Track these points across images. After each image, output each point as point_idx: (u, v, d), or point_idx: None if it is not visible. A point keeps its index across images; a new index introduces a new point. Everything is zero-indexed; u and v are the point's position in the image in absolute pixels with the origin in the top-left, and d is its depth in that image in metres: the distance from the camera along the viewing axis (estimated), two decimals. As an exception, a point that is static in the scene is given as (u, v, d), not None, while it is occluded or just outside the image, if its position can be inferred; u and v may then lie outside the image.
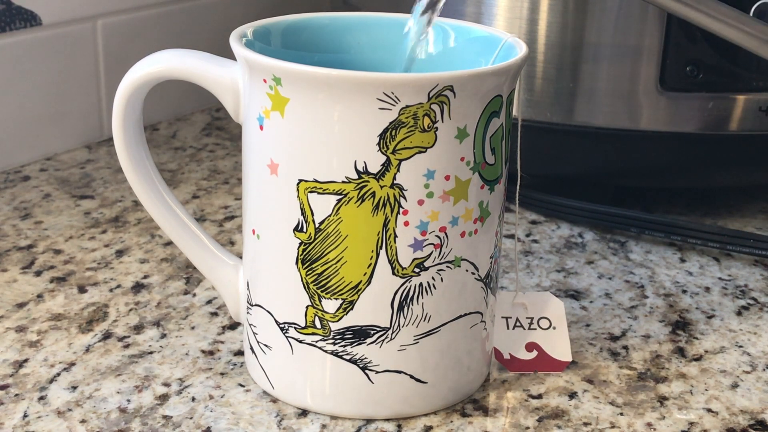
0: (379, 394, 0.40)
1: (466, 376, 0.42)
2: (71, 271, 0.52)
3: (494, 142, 0.39)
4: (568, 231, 0.59)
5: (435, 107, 0.37)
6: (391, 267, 0.38)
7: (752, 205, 0.63)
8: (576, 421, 0.41)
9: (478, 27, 0.44)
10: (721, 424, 0.41)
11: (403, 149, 0.37)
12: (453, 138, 0.37)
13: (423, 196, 0.38)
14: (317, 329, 0.40)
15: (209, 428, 0.40)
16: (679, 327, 0.49)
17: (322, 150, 0.37)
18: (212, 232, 0.57)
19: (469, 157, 0.38)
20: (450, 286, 0.39)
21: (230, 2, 0.79)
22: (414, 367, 0.40)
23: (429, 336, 0.40)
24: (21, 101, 0.64)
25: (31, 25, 0.64)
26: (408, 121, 0.37)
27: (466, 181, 0.38)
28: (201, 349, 0.45)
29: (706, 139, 0.57)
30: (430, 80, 0.36)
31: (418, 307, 0.39)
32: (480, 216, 0.39)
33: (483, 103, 0.38)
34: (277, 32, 0.43)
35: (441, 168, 0.38)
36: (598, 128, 0.57)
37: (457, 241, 0.39)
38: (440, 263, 0.39)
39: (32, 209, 0.59)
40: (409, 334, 0.39)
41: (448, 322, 0.40)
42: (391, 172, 0.37)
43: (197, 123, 0.75)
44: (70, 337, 0.46)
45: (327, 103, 0.37)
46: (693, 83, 0.55)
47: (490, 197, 0.40)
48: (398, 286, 0.39)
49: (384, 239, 0.38)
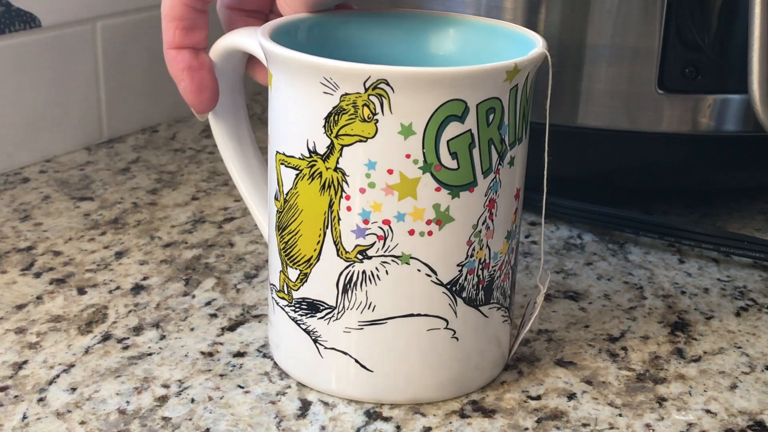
0: (327, 369, 0.42)
1: (427, 379, 0.42)
2: (71, 272, 0.52)
3: (455, 147, 0.38)
4: (567, 232, 0.59)
5: (374, 99, 0.37)
6: (335, 248, 0.40)
7: (751, 207, 0.63)
8: (575, 422, 0.41)
9: (520, 30, 0.44)
10: (720, 425, 0.41)
11: (345, 135, 0.38)
12: (396, 133, 0.38)
13: (365, 185, 0.39)
14: (285, 295, 0.42)
15: (208, 429, 0.40)
16: (677, 328, 0.49)
17: (287, 125, 0.40)
18: (211, 234, 0.57)
19: (416, 155, 0.38)
20: (397, 282, 0.40)
21: (229, 4, 0.79)
22: (359, 352, 0.41)
23: (374, 326, 0.41)
24: (20, 103, 0.64)
25: (31, 27, 0.64)
26: (348, 109, 0.38)
27: (414, 179, 0.38)
28: (200, 351, 0.45)
29: (704, 140, 0.57)
30: (363, 71, 0.37)
31: (362, 293, 0.40)
32: (436, 219, 0.39)
33: (433, 104, 0.37)
34: (311, 26, 0.44)
35: (383, 160, 0.38)
36: (597, 129, 0.57)
37: (404, 237, 0.39)
38: (385, 255, 0.39)
39: (32, 211, 0.59)
40: (353, 318, 0.41)
41: (396, 317, 0.40)
42: (335, 156, 0.39)
43: (197, 125, 0.75)
44: (70, 338, 0.46)
45: (289, 81, 0.39)
46: (691, 84, 0.55)
47: (453, 203, 0.39)
48: (342, 268, 0.40)
49: (329, 220, 0.40)
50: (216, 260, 0.54)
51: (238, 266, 0.53)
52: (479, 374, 0.43)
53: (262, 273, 0.53)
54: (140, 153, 0.69)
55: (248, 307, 0.49)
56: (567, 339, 0.47)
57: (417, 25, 0.46)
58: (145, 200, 0.61)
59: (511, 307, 0.44)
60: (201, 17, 0.44)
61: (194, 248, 0.55)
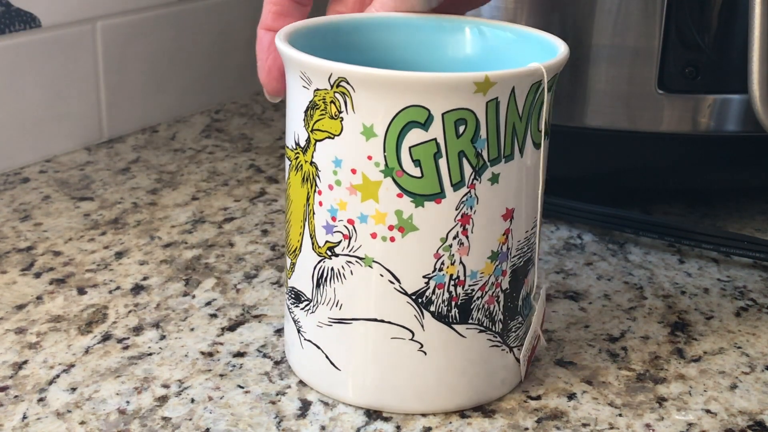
0: (306, 360, 0.43)
1: (391, 387, 0.41)
2: (71, 272, 0.52)
3: (418, 154, 0.37)
4: (567, 232, 0.59)
5: (339, 96, 0.38)
6: (311, 241, 0.41)
7: (751, 207, 0.63)
8: (575, 422, 0.41)
9: (542, 34, 0.43)
10: (720, 425, 0.42)
11: (318, 131, 0.39)
12: (359, 133, 0.38)
13: (332, 182, 0.39)
14: (285, 282, 0.44)
15: (208, 429, 0.40)
16: (678, 328, 0.49)
17: (287, 118, 0.41)
18: (211, 234, 0.57)
19: (377, 158, 0.38)
20: (360, 284, 0.40)
21: (229, 4, 0.79)
22: (329, 348, 0.42)
23: (341, 324, 0.41)
24: (20, 103, 0.64)
25: (31, 26, 0.64)
26: (320, 104, 0.38)
27: (376, 182, 0.38)
28: (200, 351, 0.45)
29: (704, 141, 0.57)
30: (325, 68, 0.37)
31: (331, 290, 0.41)
32: (399, 225, 0.38)
33: (394, 108, 0.37)
34: (329, 30, 0.44)
35: (347, 159, 0.38)
36: (597, 129, 0.57)
37: (367, 240, 0.39)
38: (350, 255, 0.40)
39: (32, 211, 0.59)
40: (324, 313, 0.41)
41: (360, 319, 0.40)
42: (311, 150, 0.40)
43: (197, 124, 0.75)
44: (70, 338, 0.46)
45: (287, 74, 0.41)
46: (691, 84, 0.55)
47: (417, 211, 0.38)
48: (316, 262, 0.41)
49: (307, 212, 0.40)
50: (216, 260, 0.54)
51: (238, 266, 0.53)
52: (457, 396, 0.42)
53: (261, 273, 0.53)
54: (140, 153, 0.69)
55: (248, 307, 0.49)
56: (567, 339, 0.47)
57: (446, 29, 0.45)
58: (145, 200, 0.61)
59: (506, 333, 0.42)
60: (297, 8, 0.44)
61: (194, 248, 0.55)
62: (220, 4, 0.78)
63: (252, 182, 0.65)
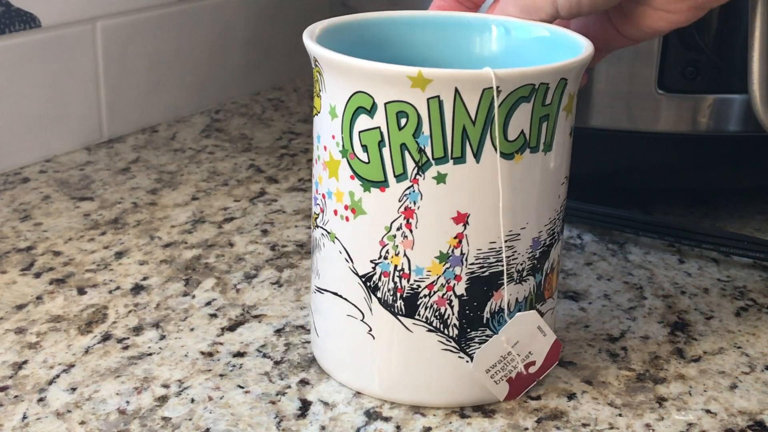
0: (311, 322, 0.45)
1: (346, 363, 0.43)
2: (70, 272, 0.52)
3: (366, 140, 0.39)
4: (567, 232, 0.59)
5: (318, 76, 0.40)
6: (312, 210, 0.44)
7: (751, 207, 0.63)
8: (575, 422, 0.41)
9: (568, 32, 0.43)
10: (720, 425, 0.42)
11: (314, 107, 0.42)
12: (328, 113, 0.40)
13: (316, 156, 0.42)
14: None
15: (208, 429, 0.40)
16: (677, 328, 0.49)
17: None
18: (211, 234, 0.57)
19: (338, 138, 0.40)
20: (328, 257, 0.42)
21: (229, 4, 0.79)
22: (314, 314, 0.44)
23: (318, 293, 0.43)
24: (20, 103, 0.64)
25: (31, 27, 0.64)
26: (315, 83, 0.41)
27: (337, 161, 0.40)
28: (200, 351, 0.45)
29: (704, 140, 0.57)
30: (309, 48, 0.40)
31: (314, 258, 0.43)
32: (351, 207, 0.40)
33: (347, 92, 0.39)
34: (358, 28, 0.45)
35: (321, 136, 0.41)
36: (597, 129, 0.57)
37: (331, 216, 0.41)
38: (323, 228, 0.42)
39: (32, 211, 0.59)
40: (314, 281, 0.44)
41: (326, 291, 0.42)
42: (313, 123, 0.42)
43: (197, 124, 0.75)
44: (70, 338, 0.46)
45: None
46: (691, 84, 0.55)
47: (365, 196, 0.39)
48: (314, 229, 0.43)
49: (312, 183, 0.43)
50: (216, 260, 0.54)
51: (238, 266, 0.53)
52: (406, 390, 0.42)
53: (261, 273, 0.53)
54: (140, 153, 0.69)
55: (248, 307, 0.49)
56: (567, 339, 0.47)
57: (472, 27, 0.45)
58: (145, 200, 0.61)
59: (464, 341, 0.41)
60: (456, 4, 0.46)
61: (194, 248, 0.55)
62: (220, 4, 0.78)
63: (252, 182, 0.65)
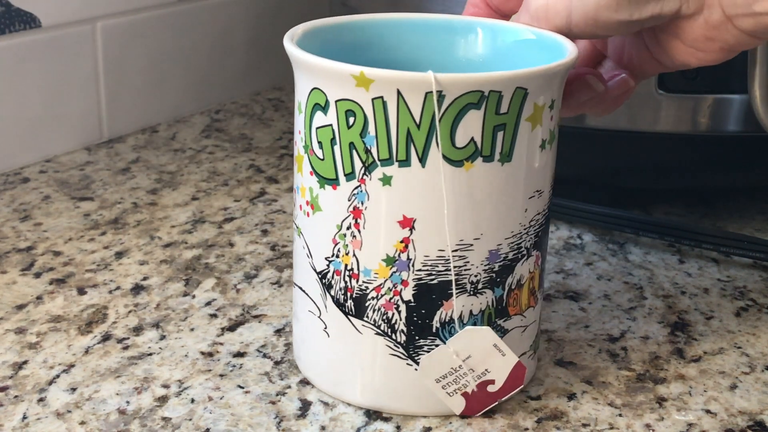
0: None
1: (308, 357, 0.43)
2: (71, 272, 0.52)
3: (321, 137, 0.39)
4: (567, 232, 0.59)
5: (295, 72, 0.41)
6: None
7: (751, 207, 0.63)
8: (575, 422, 0.41)
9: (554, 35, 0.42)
10: (720, 425, 0.42)
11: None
12: (296, 108, 0.41)
13: (294, 151, 0.42)
14: None
15: (208, 430, 0.40)
16: (678, 328, 0.49)
17: None
18: (211, 234, 0.57)
19: (302, 134, 0.40)
20: (297, 250, 0.43)
21: (229, 4, 0.79)
22: (293, 309, 0.44)
23: (293, 287, 0.43)
24: (20, 103, 0.64)
25: (31, 27, 0.64)
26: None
27: (301, 156, 0.41)
28: (200, 351, 0.45)
29: (704, 140, 0.57)
30: (286, 46, 0.40)
31: (293, 252, 0.43)
32: (310, 203, 0.40)
33: (306, 89, 0.39)
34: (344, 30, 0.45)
35: (296, 131, 0.41)
36: (597, 129, 0.57)
37: (298, 211, 0.42)
38: (294, 222, 0.43)
39: (32, 211, 0.59)
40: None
41: (295, 284, 0.43)
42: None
43: (197, 125, 0.75)
44: (70, 338, 0.46)
45: None
46: (691, 84, 0.55)
47: (321, 192, 0.40)
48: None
49: None
50: (216, 260, 0.54)
51: (238, 266, 0.53)
52: (358, 390, 0.42)
53: (261, 273, 0.53)
54: (140, 153, 0.69)
55: (248, 307, 0.49)
56: (567, 339, 0.47)
57: (457, 29, 0.45)
58: (145, 200, 0.61)
59: (412, 348, 0.40)
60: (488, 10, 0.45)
61: (194, 248, 0.55)
62: (220, 4, 0.78)
63: (252, 182, 0.65)
